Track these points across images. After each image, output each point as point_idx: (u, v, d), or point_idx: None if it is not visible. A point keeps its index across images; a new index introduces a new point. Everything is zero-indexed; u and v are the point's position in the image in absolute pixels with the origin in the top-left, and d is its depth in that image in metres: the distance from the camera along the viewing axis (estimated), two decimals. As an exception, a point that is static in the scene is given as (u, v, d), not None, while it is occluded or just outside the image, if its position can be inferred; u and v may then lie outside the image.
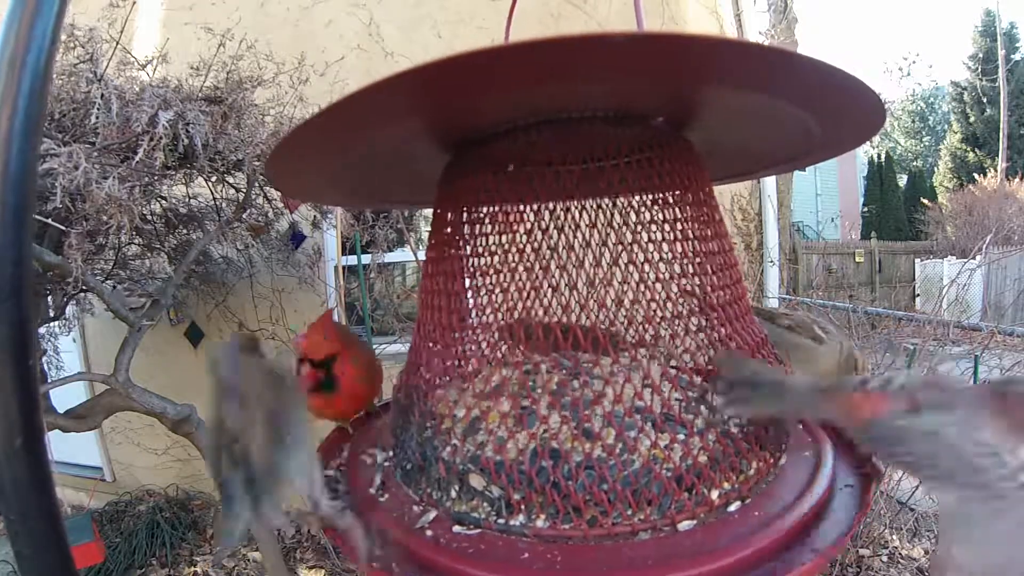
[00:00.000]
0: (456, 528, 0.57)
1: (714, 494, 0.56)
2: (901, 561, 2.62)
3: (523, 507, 0.56)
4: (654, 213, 0.63)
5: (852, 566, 2.56)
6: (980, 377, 2.35)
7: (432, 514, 0.59)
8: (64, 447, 3.35)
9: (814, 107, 0.52)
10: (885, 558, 2.62)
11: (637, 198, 0.63)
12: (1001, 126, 14.72)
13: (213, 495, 3.44)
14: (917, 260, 10.35)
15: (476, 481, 0.58)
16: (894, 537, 2.71)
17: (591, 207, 0.64)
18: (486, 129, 0.61)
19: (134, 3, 2.20)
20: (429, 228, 0.70)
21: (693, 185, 0.64)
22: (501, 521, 0.56)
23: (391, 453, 0.72)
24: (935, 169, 19.08)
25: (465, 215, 0.67)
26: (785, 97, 0.50)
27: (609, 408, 0.57)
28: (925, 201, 13.25)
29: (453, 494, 0.60)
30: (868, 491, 0.59)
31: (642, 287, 0.61)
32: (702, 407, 0.60)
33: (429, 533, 0.57)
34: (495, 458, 0.57)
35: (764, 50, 0.43)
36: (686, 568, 0.47)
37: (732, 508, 0.56)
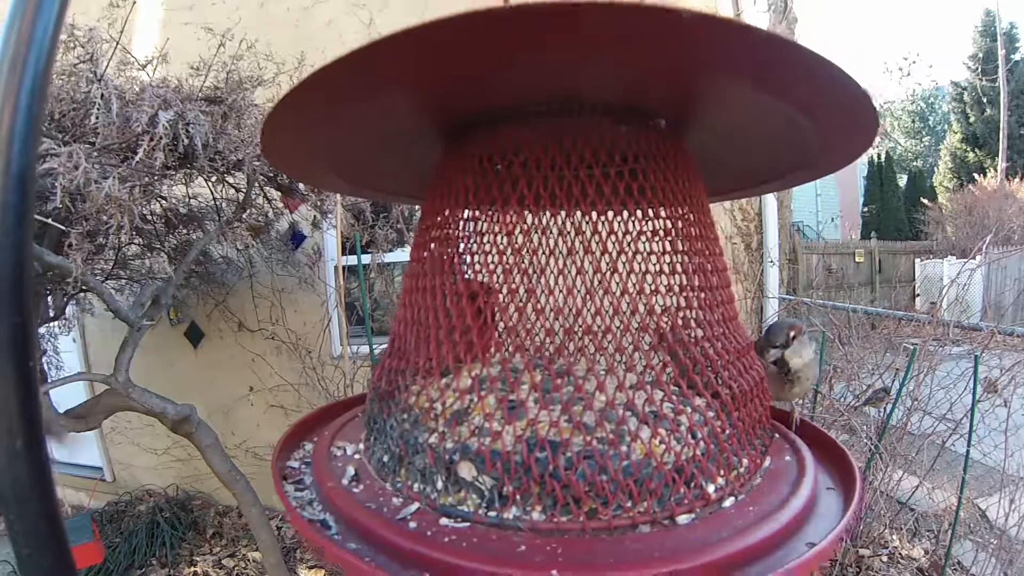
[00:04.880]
0: (443, 521, 0.54)
1: (710, 488, 0.57)
2: (901, 561, 2.62)
3: (518, 498, 0.54)
4: (642, 244, 0.61)
5: (852, 566, 2.56)
6: (980, 377, 2.35)
7: (414, 506, 0.56)
8: (64, 447, 3.35)
9: (812, 110, 0.51)
10: (885, 558, 2.62)
11: (626, 211, 0.61)
12: (1001, 126, 14.72)
13: (213, 495, 3.44)
14: (917, 260, 10.35)
15: (466, 471, 0.56)
16: (894, 537, 2.71)
17: (578, 217, 0.62)
18: (479, 115, 0.60)
19: (134, 3, 2.20)
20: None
21: (688, 198, 0.62)
22: (492, 514, 0.54)
23: (364, 445, 0.70)
24: (935, 169, 19.08)
25: (453, 210, 0.65)
26: (789, 96, 0.49)
27: (602, 404, 0.56)
28: (925, 201, 13.25)
29: (439, 485, 0.57)
30: (851, 493, 0.61)
31: (622, 312, 0.60)
32: (688, 407, 0.60)
33: (413, 525, 0.54)
34: (490, 446, 0.55)
35: (774, 37, 0.41)
36: (693, 559, 0.47)
37: (727, 504, 0.57)
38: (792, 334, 0.80)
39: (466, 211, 0.65)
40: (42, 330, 2.55)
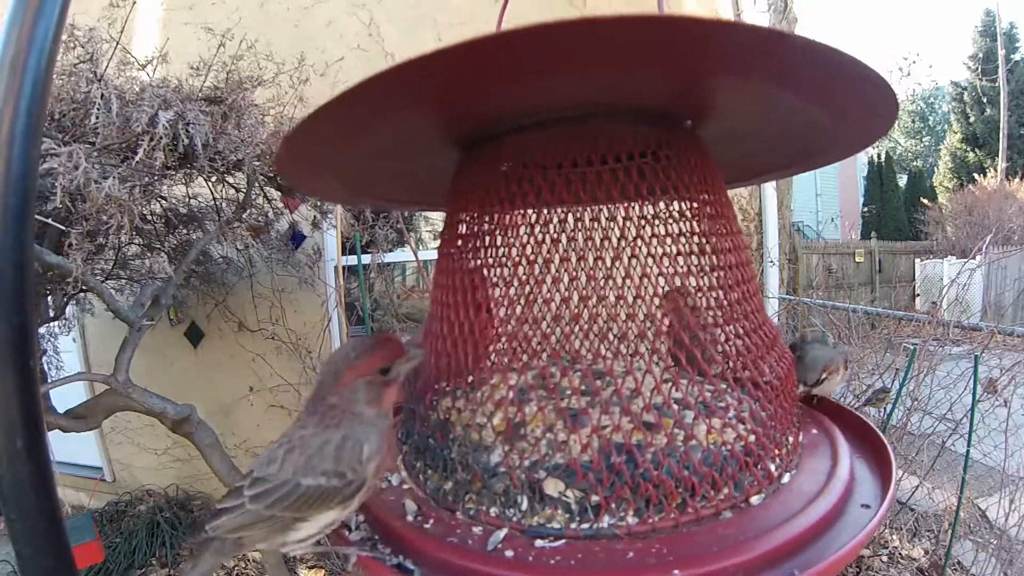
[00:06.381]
0: (538, 543, 0.51)
1: (772, 467, 0.60)
2: (901, 561, 2.62)
3: (611, 506, 0.52)
4: (669, 226, 0.61)
5: (852, 566, 2.56)
6: (980, 377, 2.35)
7: (501, 532, 0.53)
8: (64, 447, 3.35)
9: (828, 100, 0.51)
10: (885, 558, 2.62)
11: (650, 207, 0.61)
12: (1001, 126, 14.71)
13: (213, 495, 3.44)
14: (917, 260, 10.34)
15: (552, 487, 0.54)
16: (894, 537, 2.71)
17: (604, 214, 0.62)
18: (498, 125, 0.60)
19: (134, 3, 2.20)
20: (432, 227, 0.69)
21: (710, 193, 0.62)
22: (586, 526, 0.52)
23: (410, 473, 0.66)
24: (935, 169, 19.07)
25: (476, 218, 0.64)
26: (804, 89, 0.49)
27: (655, 399, 0.56)
28: (925, 201, 13.23)
29: (523, 506, 0.54)
30: (884, 460, 0.64)
31: (653, 302, 0.60)
32: (726, 396, 0.62)
33: (509, 553, 0.50)
34: (581, 458, 0.53)
35: (785, 36, 0.41)
36: (782, 537, 0.49)
37: (786, 479, 0.60)
38: (824, 376, 0.84)
39: (496, 217, 0.64)
40: (42, 330, 2.55)
